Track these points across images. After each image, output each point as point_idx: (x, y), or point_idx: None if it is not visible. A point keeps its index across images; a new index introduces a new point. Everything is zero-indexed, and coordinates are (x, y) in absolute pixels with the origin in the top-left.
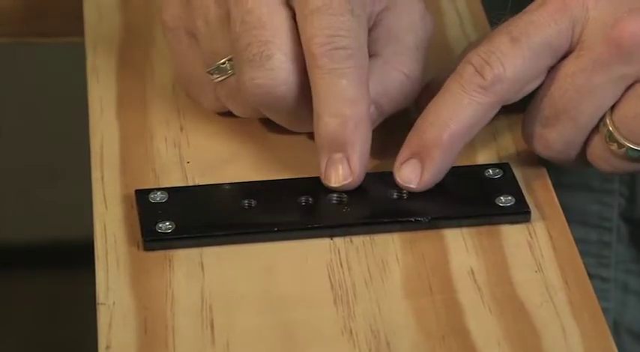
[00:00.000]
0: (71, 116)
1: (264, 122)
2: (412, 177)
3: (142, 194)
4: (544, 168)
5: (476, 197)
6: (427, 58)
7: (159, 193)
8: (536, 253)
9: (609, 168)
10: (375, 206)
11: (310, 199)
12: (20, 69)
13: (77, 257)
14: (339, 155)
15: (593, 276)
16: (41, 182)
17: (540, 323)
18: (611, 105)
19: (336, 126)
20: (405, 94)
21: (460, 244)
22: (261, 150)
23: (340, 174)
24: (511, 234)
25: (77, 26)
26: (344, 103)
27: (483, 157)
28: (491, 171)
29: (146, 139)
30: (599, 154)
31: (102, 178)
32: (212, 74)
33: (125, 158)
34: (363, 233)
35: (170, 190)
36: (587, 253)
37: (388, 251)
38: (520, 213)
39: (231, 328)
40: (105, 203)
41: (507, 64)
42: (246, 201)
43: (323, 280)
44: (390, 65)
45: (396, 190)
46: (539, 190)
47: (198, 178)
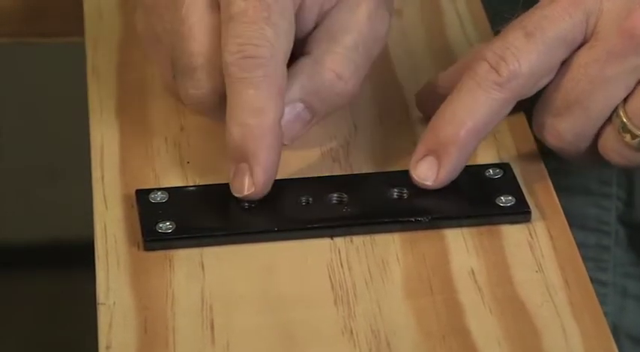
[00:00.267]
0: (71, 116)
1: None
2: (429, 174)
3: (143, 194)
4: (544, 168)
5: (476, 197)
6: (373, 57)
7: (159, 193)
8: (536, 253)
9: (622, 160)
10: (376, 206)
11: (310, 199)
12: (20, 69)
13: (77, 257)
14: (244, 165)
15: (591, 280)
16: (41, 182)
17: (541, 323)
18: (624, 96)
19: (240, 135)
20: (338, 94)
21: (460, 244)
22: None
23: (245, 184)
24: (511, 234)
25: (77, 26)
26: (249, 113)
27: (484, 157)
28: (491, 171)
29: (146, 139)
30: (611, 146)
31: (102, 178)
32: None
33: (125, 158)
34: (364, 233)
35: (170, 190)
36: (585, 257)
37: (388, 251)
38: (520, 213)
39: (231, 328)
40: (105, 203)
41: (522, 60)
42: (246, 201)
43: (323, 280)
44: (321, 65)
45: (397, 190)
46: (539, 190)
47: (198, 178)
